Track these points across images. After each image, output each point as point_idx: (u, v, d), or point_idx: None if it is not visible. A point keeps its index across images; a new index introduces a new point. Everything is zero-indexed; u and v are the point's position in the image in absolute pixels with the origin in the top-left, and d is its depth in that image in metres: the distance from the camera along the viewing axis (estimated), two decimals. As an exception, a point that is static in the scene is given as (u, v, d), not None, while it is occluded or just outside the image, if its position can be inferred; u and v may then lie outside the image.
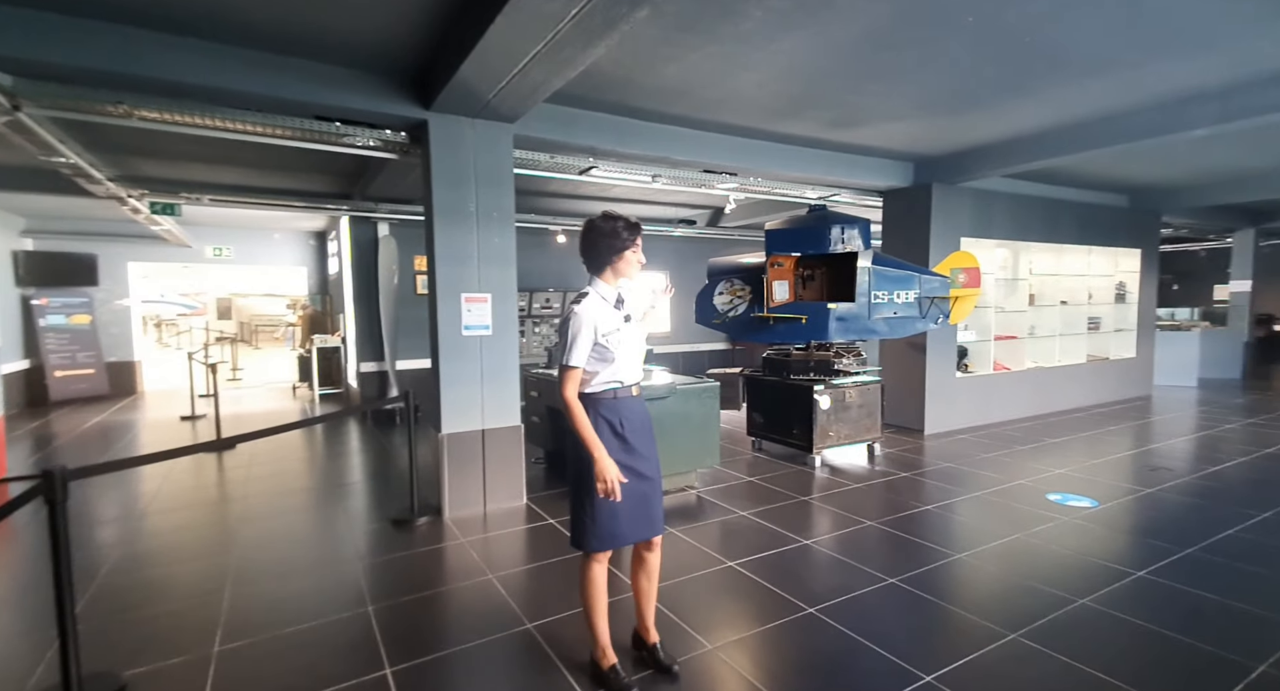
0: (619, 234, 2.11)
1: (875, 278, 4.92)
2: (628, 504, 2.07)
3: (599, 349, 2.06)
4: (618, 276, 2.15)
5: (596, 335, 2.04)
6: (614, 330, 2.09)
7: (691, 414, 4.20)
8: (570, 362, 2.03)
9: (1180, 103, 4.13)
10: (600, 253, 2.12)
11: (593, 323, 2.04)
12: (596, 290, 2.14)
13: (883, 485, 4.42)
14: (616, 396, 2.11)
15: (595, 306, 2.07)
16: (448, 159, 3.65)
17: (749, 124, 4.61)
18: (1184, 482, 4.33)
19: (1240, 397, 7.95)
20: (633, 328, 2.17)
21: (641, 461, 2.14)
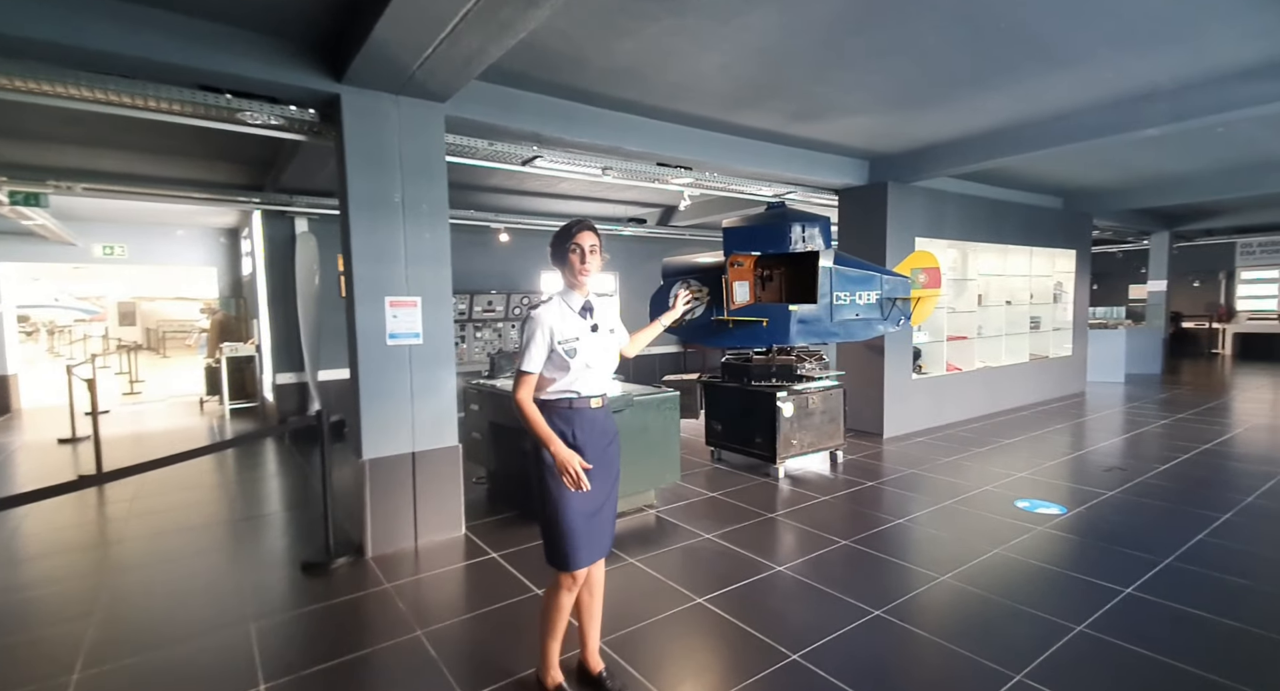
0: (563, 233, 2.05)
1: (837, 278, 4.72)
2: (589, 519, 2.00)
3: (556, 356, 1.99)
4: (576, 280, 2.05)
5: (553, 341, 1.98)
6: (573, 338, 2.00)
7: (650, 427, 3.85)
8: (522, 366, 1.98)
9: (1134, 101, 4.12)
10: (555, 256, 2.08)
11: (547, 327, 1.98)
12: (560, 295, 2.08)
13: (850, 497, 4.20)
14: (572, 406, 2.02)
15: (553, 311, 2.01)
16: (366, 141, 3.14)
17: (708, 114, 4.30)
18: (1139, 483, 4.33)
19: (1164, 392, 8.34)
20: (599, 338, 2.07)
21: (599, 475, 2.03)
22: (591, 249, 2.06)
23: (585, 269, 2.03)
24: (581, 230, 2.04)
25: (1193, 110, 3.97)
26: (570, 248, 2.02)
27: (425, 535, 3.42)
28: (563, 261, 2.05)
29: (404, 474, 3.34)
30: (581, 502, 1.99)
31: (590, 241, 2.05)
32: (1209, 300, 13.88)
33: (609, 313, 2.18)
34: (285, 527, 3.83)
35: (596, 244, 2.08)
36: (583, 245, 2.03)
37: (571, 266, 2.03)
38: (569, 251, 2.03)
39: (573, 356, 1.98)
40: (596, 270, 2.09)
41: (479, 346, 7.56)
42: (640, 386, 4.13)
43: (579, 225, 2.05)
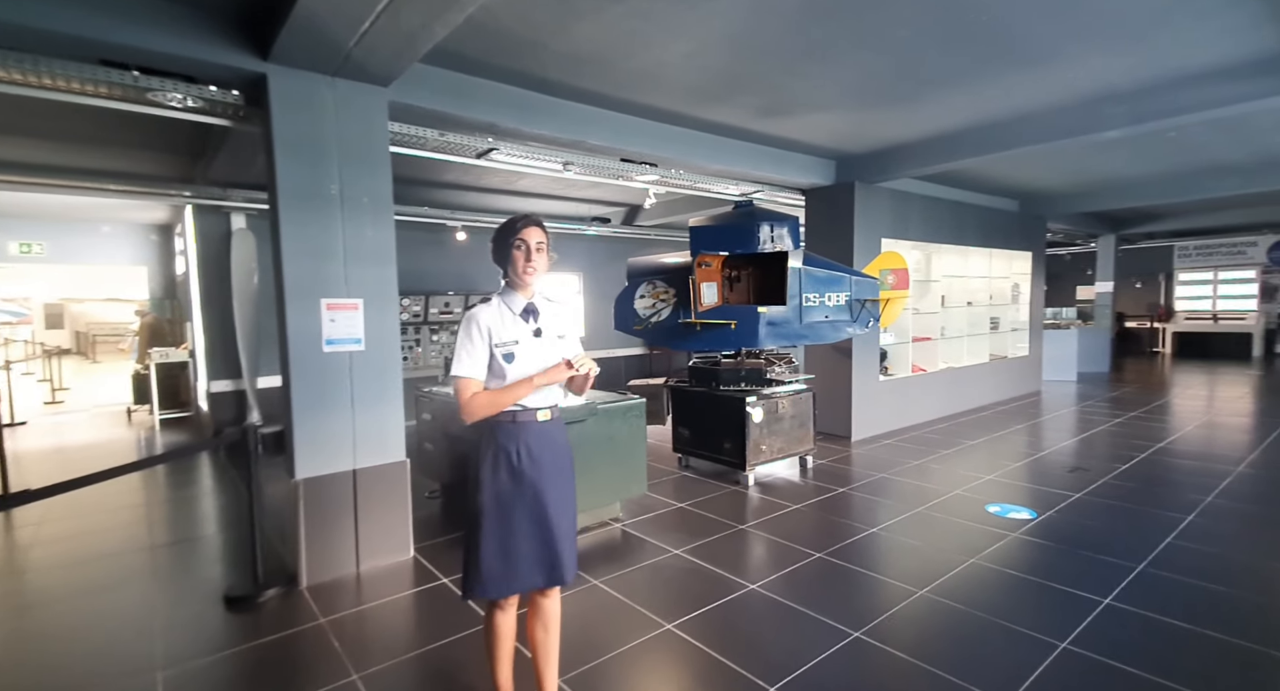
0: (506, 228, 1.87)
1: (806, 279, 4.60)
2: (523, 544, 1.82)
3: (493, 362, 1.83)
4: (520, 279, 1.86)
5: (491, 344, 1.82)
6: (511, 341, 1.84)
7: (616, 437, 3.63)
8: (455, 370, 1.82)
9: (1095, 103, 4.12)
10: (498, 253, 1.90)
11: (483, 327, 1.83)
12: (501, 296, 1.91)
13: (821, 505, 4.08)
14: (516, 421, 1.84)
15: (490, 311, 1.86)
16: (297, 127, 2.83)
17: (673, 108, 4.11)
18: (1103, 484, 4.35)
19: (1113, 391, 8.59)
20: (543, 345, 1.88)
21: (544, 496, 1.85)
22: (538, 246, 1.85)
23: (530, 268, 1.84)
24: (527, 225, 1.85)
25: (1151, 113, 4.00)
26: (514, 244, 1.83)
27: (369, 559, 3.13)
28: (505, 259, 1.86)
29: (343, 493, 3.03)
30: (513, 522, 1.82)
31: (537, 238, 1.85)
32: (1150, 301, 14.51)
33: (559, 318, 1.97)
34: (211, 555, 3.46)
35: (544, 241, 1.88)
36: (528, 242, 1.83)
37: (515, 265, 1.84)
38: (512, 248, 1.84)
39: (510, 362, 1.80)
40: (543, 270, 1.89)
41: (435, 350, 7.21)
42: (605, 393, 3.91)
43: (524, 220, 1.87)
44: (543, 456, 1.86)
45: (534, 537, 1.83)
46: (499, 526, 1.82)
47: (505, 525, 1.82)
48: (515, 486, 1.82)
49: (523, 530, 1.82)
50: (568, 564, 1.87)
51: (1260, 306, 12.94)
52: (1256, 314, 12.93)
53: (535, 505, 1.84)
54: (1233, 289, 13.49)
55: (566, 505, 1.93)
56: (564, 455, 1.95)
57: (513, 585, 1.82)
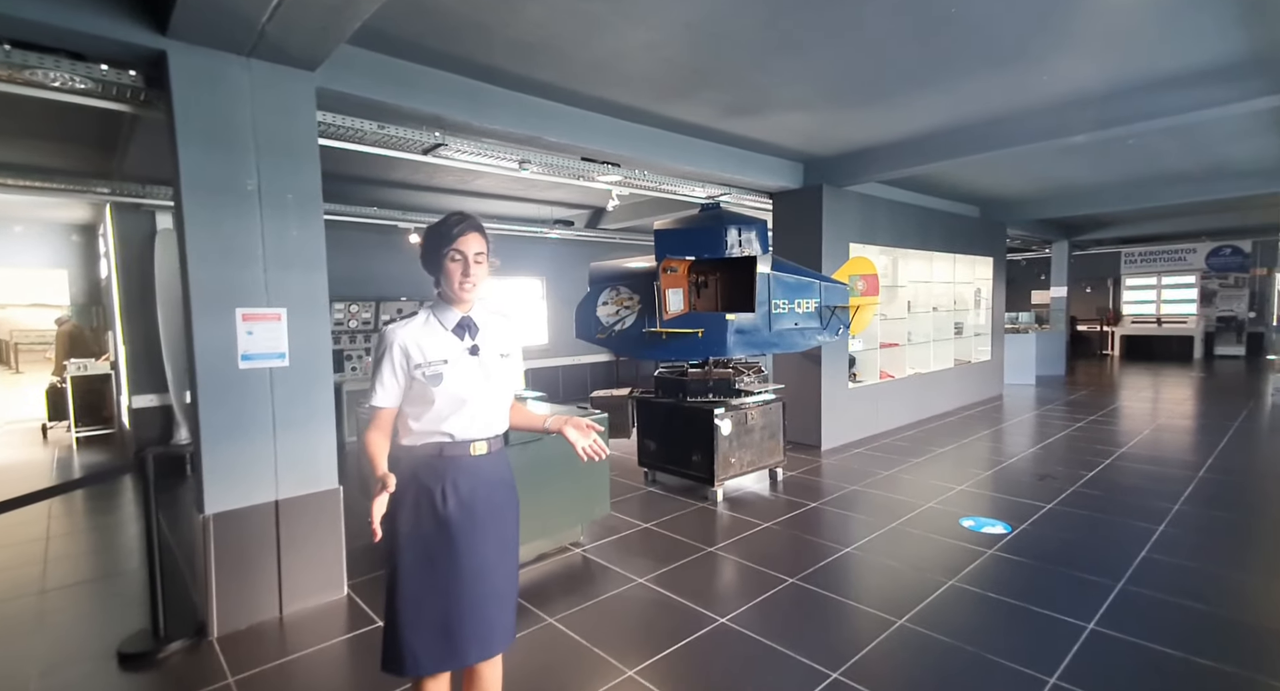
0: (439, 233, 1.60)
1: (775, 285, 4.44)
2: (452, 610, 1.54)
3: (417, 385, 1.57)
4: (455, 294, 1.61)
5: (410, 365, 1.56)
6: (439, 360, 1.57)
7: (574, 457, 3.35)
8: (371, 400, 1.58)
9: (1064, 107, 4.07)
10: (428, 260, 1.63)
11: (401, 347, 1.57)
12: (431, 309, 1.65)
13: (793, 522, 3.89)
14: (442, 454, 1.58)
15: (413, 328, 1.59)
16: (205, 113, 2.49)
17: (636, 104, 3.88)
18: (1073, 493, 4.29)
19: (1071, 394, 8.75)
20: (480, 364, 1.63)
21: (478, 548, 1.58)
22: (477, 258, 1.60)
23: (468, 283, 1.59)
24: (466, 232, 1.59)
25: (1117, 118, 3.97)
26: (449, 254, 1.58)
27: (294, 601, 2.77)
28: (437, 268, 1.61)
29: (263, 528, 2.68)
30: (439, 583, 1.55)
31: (476, 248, 1.60)
32: (1099, 305, 15.02)
33: (504, 334, 1.71)
34: (113, 601, 3.04)
35: (484, 251, 1.62)
36: (466, 253, 1.58)
37: (449, 277, 1.59)
38: (445, 258, 1.58)
39: (437, 384, 1.55)
40: (482, 283, 1.62)
41: (387, 359, 6.78)
42: (564, 408, 3.64)
43: (461, 224, 1.59)
44: (476, 499, 1.59)
45: (464, 602, 1.55)
46: (420, 588, 1.54)
47: (428, 586, 1.54)
48: (441, 537, 1.56)
49: (451, 593, 1.55)
50: (505, 629, 1.61)
51: (1200, 310, 13.52)
52: (1197, 317, 13.49)
53: (467, 561, 1.56)
54: (1175, 293, 14.07)
55: (506, 558, 1.66)
56: (504, 497, 1.68)
57: (438, 662, 1.54)
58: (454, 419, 1.58)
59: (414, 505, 1.56)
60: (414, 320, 1.61)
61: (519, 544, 1.77)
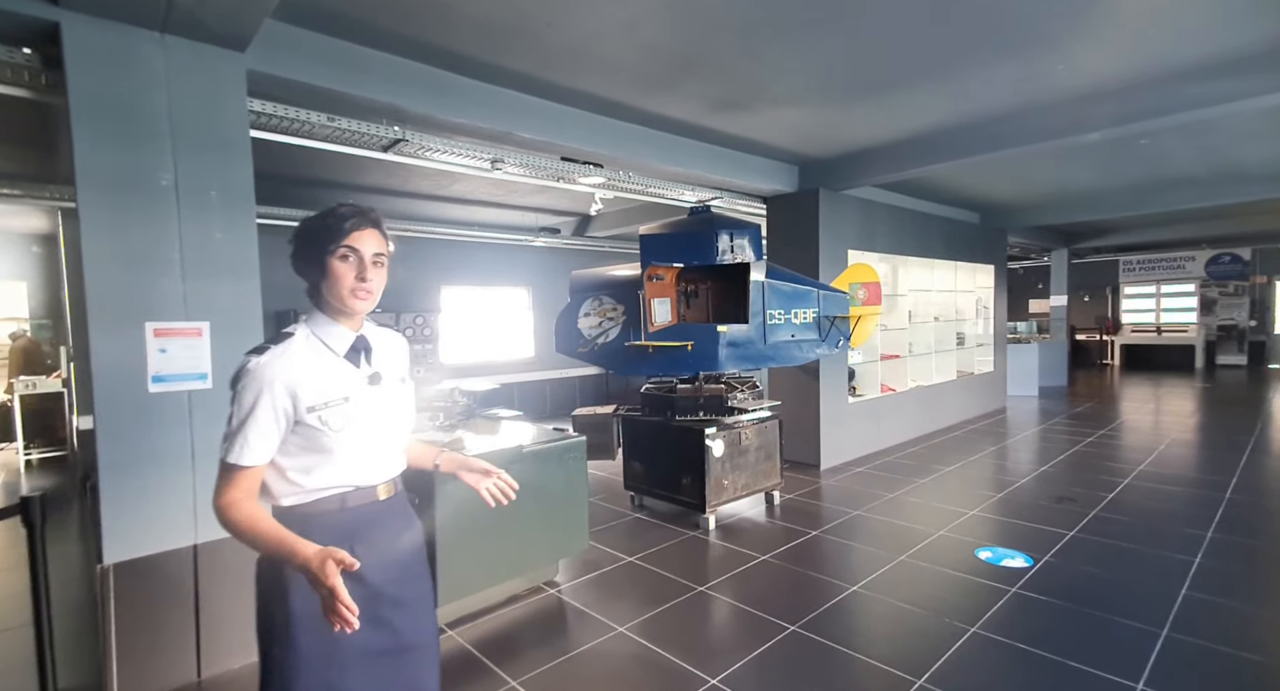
0: (321, 227, 1.24)
1: (770, 294, 4.11)
2: (368, 684, 1.27)
3: (303, 431, 1.22)
4: (346, 304, 1.26)
5: (299, 409, 1.20)
6: (338, 399, 1.24)
7: (550, 486, 3.00)
8: (229, 457, 1.18)
9: (1077, 102, 3.79)
10: (304, 260, 1.26)
11: (285, 385, 1.19)
12: (308, 330, 1.28)
13: (792, 554, 3.53)
14: (345, 506, 1.28)
15: (293, 360, 1.22)
16: (106, 94, 2.15)
17: (616, 97, 3.57)
18: (1095, 518, 3.96)
19: (1076, 406, 8.45)
20: (383, 396, 1.33)
21: (396, 615, 1.31)
22: (376, 259, 1.27)
23: (364, 291, 1.25)
24: (360, 226, 1.25)
25: (1135, 112, 3.68)
26: (336, 251, 1.22)
27: (216, 663, 2.39)
28: (319, 271, 1.24)
29: (178, 578, 2.30)
30: (351, 663, 1.25)
31: (374, 247, 1.26)
32: (1098, 314, 14.81)
33: (398, 354, 1.43)
34: (12, 660, 2.64)
35: (384, 253, 1.29)
36: (361, 251, 1.24)
37: (335, 283, 1.23)
38: (333, 257, 1.23)
39: (338, 430, 1.23)
40: (379, 291, 1.30)
41: (360, 374, 6.40)
42: (536, 429, 3.28)
43: (356, 216, 1.25)
44: (386, 551, 1.29)
45: (386, 670, 1.30)
46: (329, 671, 1.23)
47: (336, 669, 1.23)
48: (362, 610, 1.21)
49: (370, 661, 1.27)
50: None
51: (1200, 319, 13.31)
52: (1197, 326, 13.28)
53: (392, 622, 1.30)
54: (1174, 302, 13.87)
55: (423, 619, 1.38)
56: (417, 542, 1.41)
57: None
58: (358, 465, 1.28)
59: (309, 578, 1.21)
60: (291, 345, 1.24)
61: (435, 603, 1.47)
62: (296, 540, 1.12)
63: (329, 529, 1.23)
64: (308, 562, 1.07)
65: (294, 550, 1.10)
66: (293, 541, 1.12)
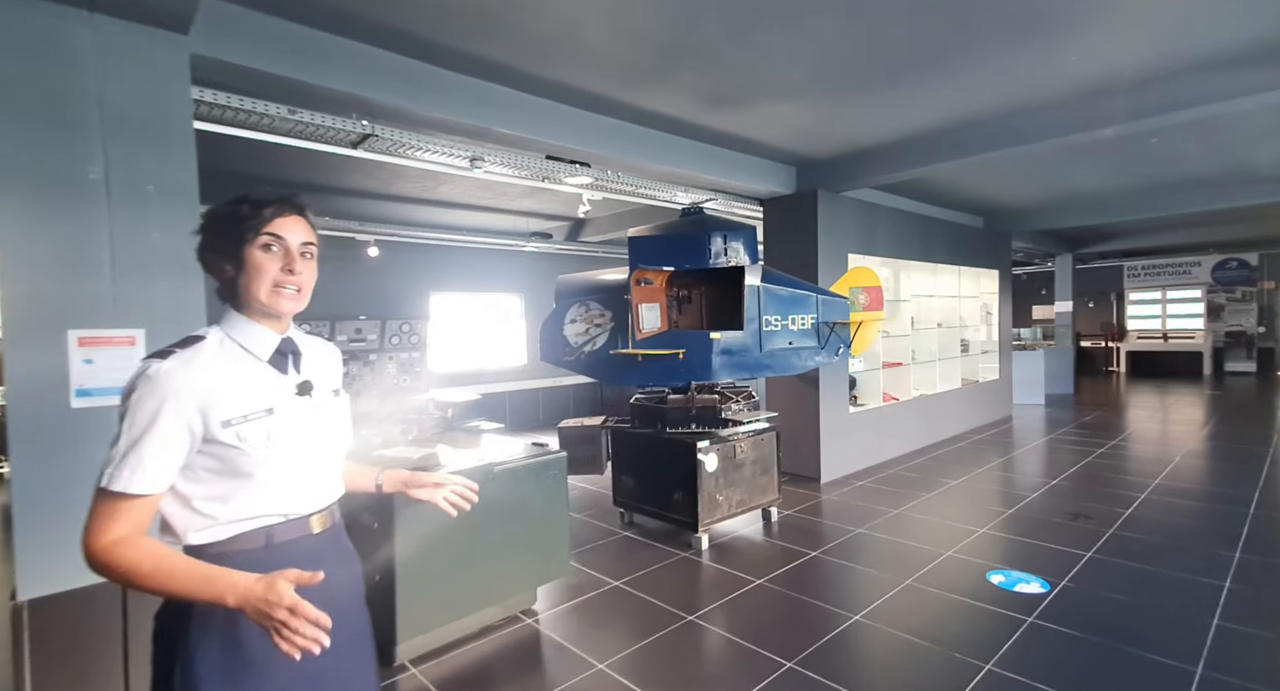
0: (237, 214, 1.06)
1: (766, 299, 3.89)
2: None
3: (216, 451, 1.02)
4: (269, 303, 1.08)
5: (211, 424, 1.01)
6: (261, 411, 1.06)
7: (526, 506, 2.77)
8: (115, 484, 0.96)
9: (1091, 95, 3.59)
10: (216, 251, 1.08)
11: (192, 395, 0.99)
12: (222, 333, 1.09)
13: (790, 578, 3.29)
14: (272, 542, 1.08)
15: (202, 364, 1.03)
16: (24, 76, 1.94)
17: (602, 91, 3.37)
18: (1114, 537, 3.71)
19: (1084, 415, 8.20)
20: (315, 407, 1.15)
21: (330, 672, 1.11)
22: (305, 249, 1.11)
23: (293, 285, 1.09)
24: (284, 211, 1.09)
25: (1153, 106, 3.48)
26: (256, 240, 1.06)
27: (149, 708, 2.15)
28: (235, 264, 1.06)
29: (105, 615, 2.07)
30: None
31: (302, 235, 1.11)
32: (1103, 320, 14.58)
33: (330, 362, 1.26)
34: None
35: (313, 243, 1.13)
36: (286, 240, 1.08)
37: (255, 276, 1.06)
38: (251, 245, 1.06)
39: (262, 448, 1.05)
40: (310, 288, 1.13)
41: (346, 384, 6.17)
42: (515, 444, 3.05)
43: (276, 201, 1.08)
44: (325, 604, 1.05)
45: None
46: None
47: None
48: (294, 672, 1.05)
49: None
50: None
51: (1207, 325, 13.09)
52: (1204, 332, 13.05)
53: (328, 679, 1.12)
54: (1180, 308, 13.65)
55: (361, 676, 1.20)
56: (356, 579, 1.23)
57: None
58: (287, 491, 1.10)
59: (226, 638, 1.02)
60: (201, 349, 1.05)
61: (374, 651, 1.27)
62: (226, 571, 0.93)
63: (253, 569, 1.00)
64: (249, 592, 0.89)
65: (229, 583, 0.91)
66: (221, 573, 0.93)
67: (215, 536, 1.04)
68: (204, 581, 0.92)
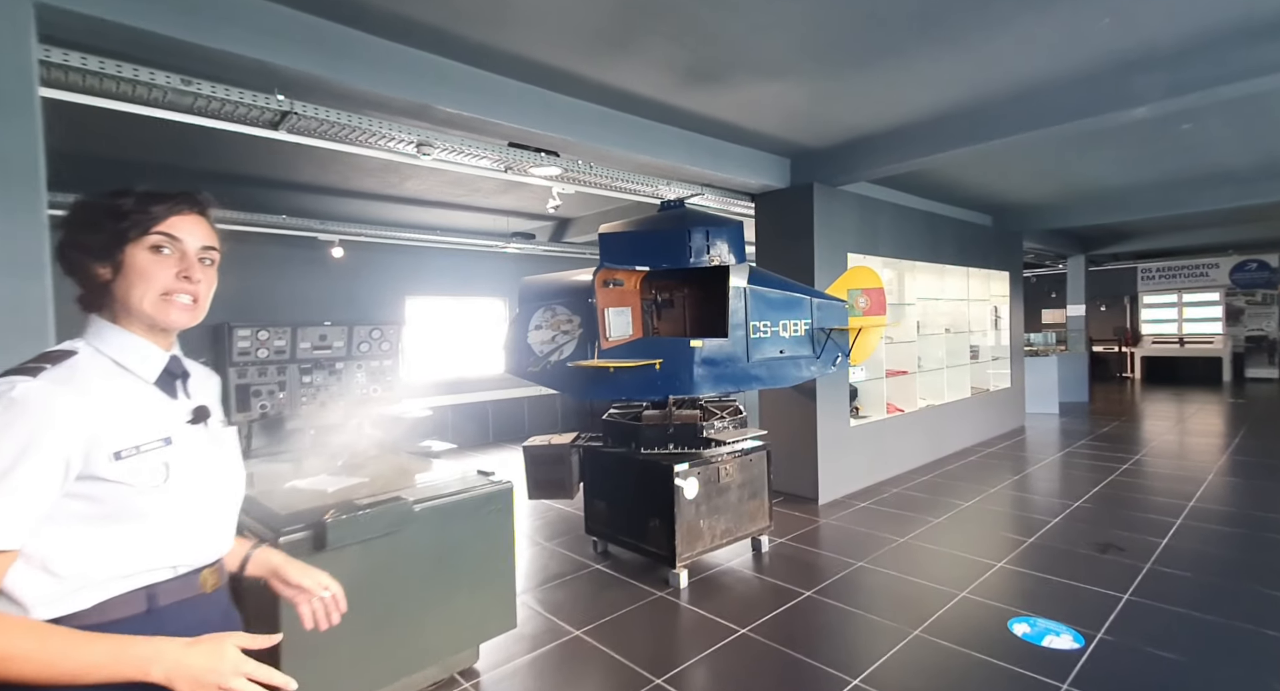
0: (118, 208, 0.88)
1: (754, 302, 3.45)
2: None
3: (99, 491, 0.84)
4: (156, 315, 0.91)
5: (94, 458, 0.83)
6: (157, 441, 0.90)
7: (460, 549, 2.33)
8: None
9: (1123, 70, 3.15)
10: (87, 259, 0.89)
11: (73, 423, 0.81)
12: (93, 347, 0.90)
13: (779, 626, 2.84)
14: (154, 605, 0.89)
15: (82, 385, 0.85)
16: None
17: (560, 63, 2.94)
18: (1152, 574, 3.25)
19: (1102, 425, 7.72)
20: (211, 438, 1.00)
21: None
22: (205, 254, 0.95)
23: (188, 294, 0.93)
24: (182, 209, 0.93)
25: (1194, 80, 3.02)
26: (143, 239, 0.90)
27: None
28: (113, 266, 0.89)
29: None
30: None
31: (202, 238, 0.95)
32: (1116, 324, 14.07)
33: (212, 388, 1.08)
34: None
35: (215, 246, 0.97)
36: (184, 242, 0.93)
37: (141, 281, 0.89)
38: (136, 244, 0.89)
39: (153, 486, 0.88)
40: (207, 302, 0.96)
41: (307, 396, 5.76)
42: (451, 472, 2.60)
43: (174, 196, 0.93)
44: None
45: None
46: None
47: None
48: None
49: None
50: None
51: (1226, 330, 12.56)
52: (1223, 337, 12.53)
53: None
54: (1198, 312, 13.13)
55: None
56: None
57: None
58: (180, 539, 0.93)
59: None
60: (75, 366, 0.86)
61: None
62: (141, 638, 0.79)
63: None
64: (183, 663, 0.77)
65: (152, 652, 0.77)
66: (134, 641, 0.78)
67: (77, 604, 0.83)
68: (111, 655, 0.76)
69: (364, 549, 2.00)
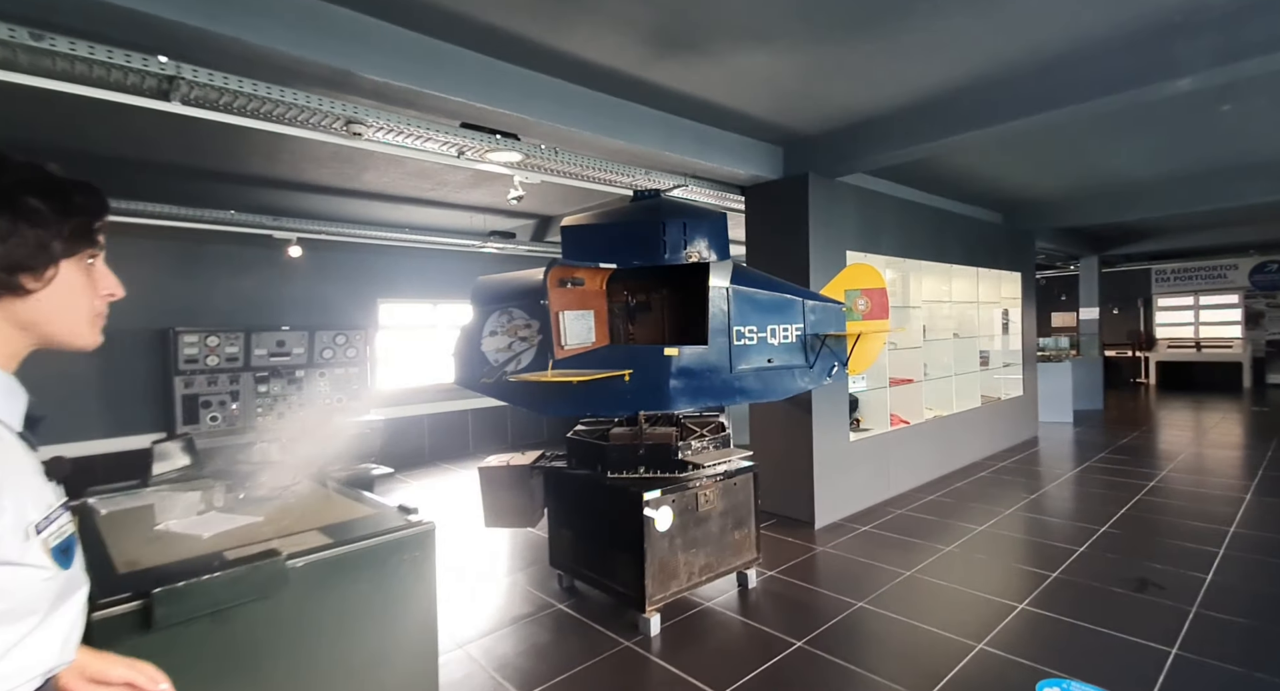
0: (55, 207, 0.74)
1: (739, 304, 3.01)
2: None
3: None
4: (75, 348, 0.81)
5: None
6: (58, 509, 0.75)
7: (363, 613, 1.88)
8: None
9: (1163, 35, 2.70)
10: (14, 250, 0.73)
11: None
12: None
13: (764, 685, 2.39)
14: None
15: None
16: None
17: (509, 24, 2.51)
18: (1200, 621, 2.78)
19: (1120, 436, 7.23)
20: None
21: None
22: None
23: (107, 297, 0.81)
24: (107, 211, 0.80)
25: (1248, 45, 2.58)
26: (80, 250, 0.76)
27: None
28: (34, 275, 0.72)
29: None
30: None
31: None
32: (1129, 328, 13.56)
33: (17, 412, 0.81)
34: None
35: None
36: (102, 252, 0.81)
37: (67, 301, 0.75)
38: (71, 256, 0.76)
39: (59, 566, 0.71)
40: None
41: (262, 407, 5.33)
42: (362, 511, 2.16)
43: (100, 194, 0.78)
44: None
45: None
46: None
47: None
48: None
49: None
50: None
51: (1246, 334, 12.04)
52: (1243, 341, 12.01)
53: None
54: (1215, 315, 12.61)
55: None
56: None
57: None
58: (71, 631, 0.75)
59: None
60: None
61: None
62: None
63: None
64: None
65: None
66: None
67: None
68: None
69: (215, 624, 1.55)
